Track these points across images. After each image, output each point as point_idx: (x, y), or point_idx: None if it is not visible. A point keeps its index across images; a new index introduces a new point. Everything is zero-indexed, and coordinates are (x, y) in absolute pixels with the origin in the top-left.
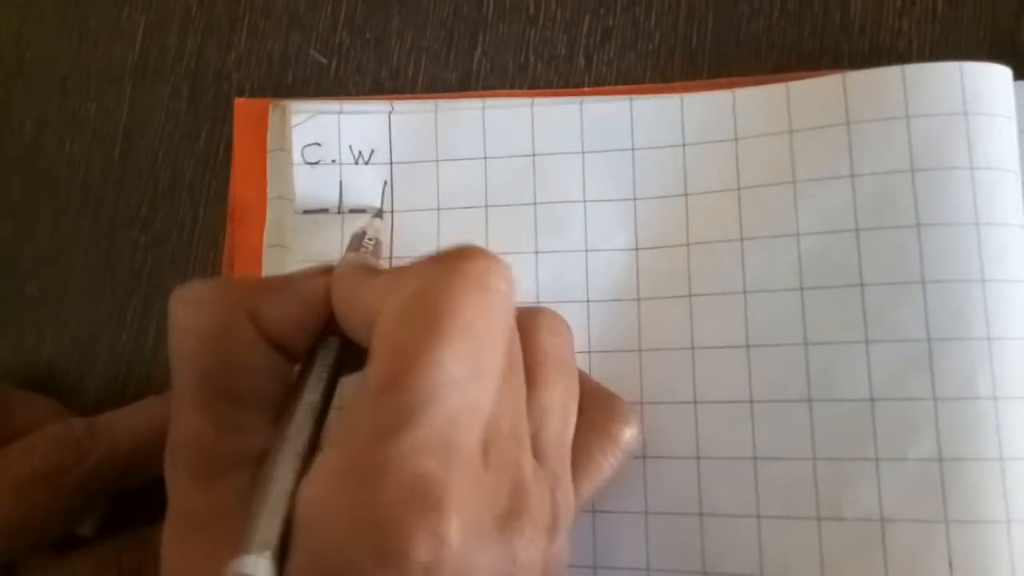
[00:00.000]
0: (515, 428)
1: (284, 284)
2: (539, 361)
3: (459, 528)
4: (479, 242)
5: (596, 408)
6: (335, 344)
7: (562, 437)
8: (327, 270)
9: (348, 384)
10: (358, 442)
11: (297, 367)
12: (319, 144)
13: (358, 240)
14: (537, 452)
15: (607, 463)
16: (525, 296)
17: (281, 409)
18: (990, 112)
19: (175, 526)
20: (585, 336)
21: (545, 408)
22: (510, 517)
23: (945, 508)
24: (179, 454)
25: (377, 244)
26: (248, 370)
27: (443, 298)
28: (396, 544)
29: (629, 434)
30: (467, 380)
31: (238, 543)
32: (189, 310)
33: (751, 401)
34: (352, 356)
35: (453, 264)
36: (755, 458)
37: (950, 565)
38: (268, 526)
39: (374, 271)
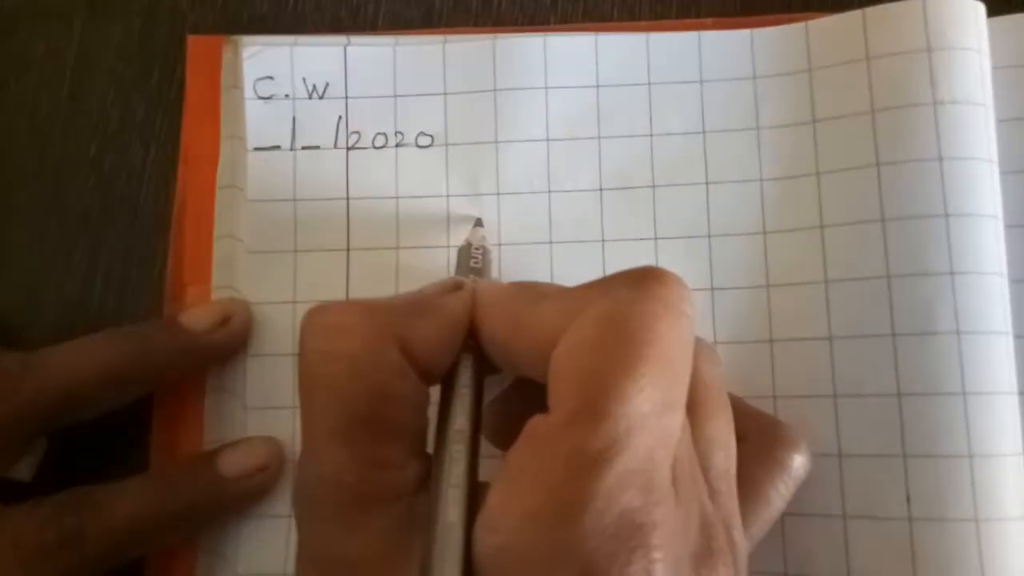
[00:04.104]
0: (693, 462)
1: (428, 306)
2: (700, 392)
3: (665, 568)
4: (439, 183)
5: (758, 435)
6: (470, 362)
7: (728, 473)
8: (457, 285)
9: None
10: (550, 476)
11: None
12: (271, 78)
13: (466, 255)
14: (707, 488)
15: (776, 494)
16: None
17: (419, 439)
18: (956, 46)
19: (313, 573)
20: (548, 278)
21: (711, 440)
22: (704, 556)
23: (903, 443)
24: (316, 493)
25: (485, 252)
26: (393, 399)
27: (643, 324)
28: None
29: (799, 461)
30: (663, 410)
31: None
32: (333, 337)
33: (714, 342)
34: (485, 370)
35: (649, 287)
36: None
37: (908, 499)
38: None
39: (536, 294)
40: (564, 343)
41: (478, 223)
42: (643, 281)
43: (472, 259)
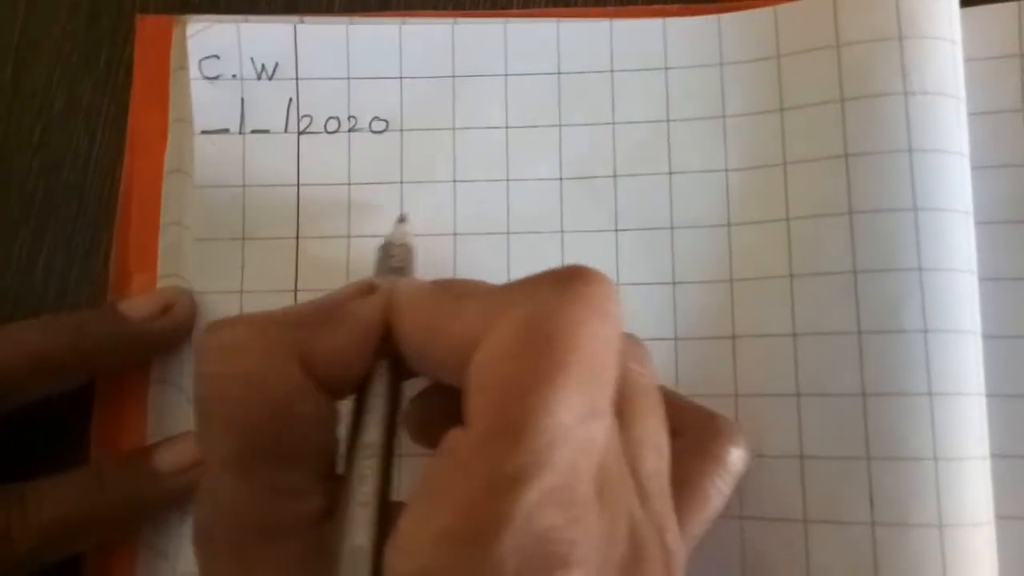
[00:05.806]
0: (620, 466)
1: (334, 314)
2: (628, 392)
3: None
4: (393, 170)
5: (694, 430)
6: (385, 369)
7: (660, 474)
8: (370, 288)
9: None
10: (466, 496)
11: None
12: (217, 56)
13: (386, 254)
14: (637, 492)
15: (715, 490)
16: (441, 228)
17: (326, 461)
18: (928, 35)
19: None
20: (504, 270)
21: (640, 442)
22: (632, 565)
23: (867, 445)
24: (212, 529)
25: (407, 250)
26: (294, 421)
27: (564, 328)
28: None
29: (736, 454)
30: (586, 418)
31: None
32: (226, 357)
33: (675, 339)
34: (403, 377)
35: (572, 288)
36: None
37: (871, 503)
38: None
39: (455, 295)
40: (482, 351)
41: (402, 219)
42: (566, 281)
43: (392, 257)
